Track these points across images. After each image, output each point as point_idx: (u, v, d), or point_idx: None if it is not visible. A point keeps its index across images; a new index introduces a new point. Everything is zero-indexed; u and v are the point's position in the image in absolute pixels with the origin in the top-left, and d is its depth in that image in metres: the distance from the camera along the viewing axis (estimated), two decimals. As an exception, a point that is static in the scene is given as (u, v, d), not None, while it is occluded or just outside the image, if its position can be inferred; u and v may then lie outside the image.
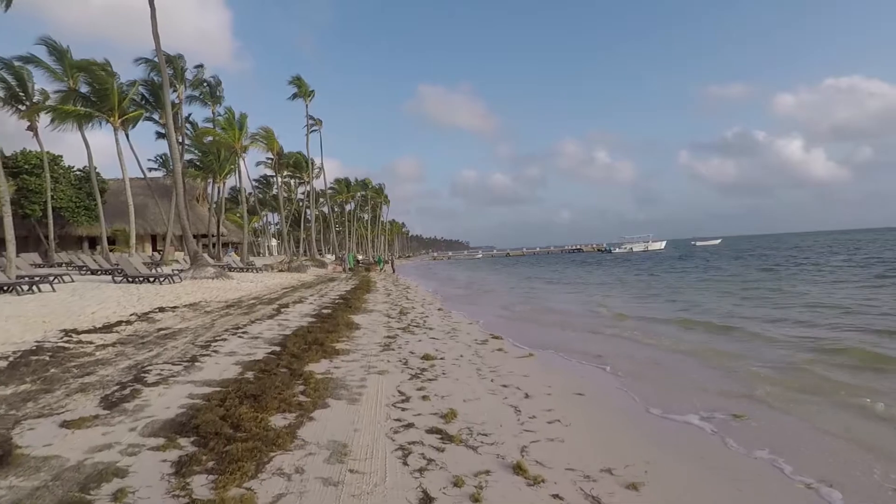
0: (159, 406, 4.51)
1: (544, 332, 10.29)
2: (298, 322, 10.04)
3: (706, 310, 12.81)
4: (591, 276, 29.35)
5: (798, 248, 58.24)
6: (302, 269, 31.01)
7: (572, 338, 9.56)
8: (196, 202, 54.14)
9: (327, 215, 62.58)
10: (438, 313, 12.70)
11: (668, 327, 10.48)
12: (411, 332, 9.35)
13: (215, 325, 9.41)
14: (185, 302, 12.54)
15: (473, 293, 20.81)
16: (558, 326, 11.05)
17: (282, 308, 12.27)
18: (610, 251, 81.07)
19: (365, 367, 6.38)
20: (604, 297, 17.49)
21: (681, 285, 20.66)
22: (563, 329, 10.64)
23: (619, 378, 6.35)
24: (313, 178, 56.74)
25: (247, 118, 33.91)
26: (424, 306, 14.31)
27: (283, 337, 8.24)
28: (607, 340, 9.20)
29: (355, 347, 7.67)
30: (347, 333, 8.86)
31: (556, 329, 10.67)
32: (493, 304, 16.18)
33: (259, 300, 14.25)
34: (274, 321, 10.13)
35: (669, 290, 19.21)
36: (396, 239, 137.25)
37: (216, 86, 41.57)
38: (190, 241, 20.95)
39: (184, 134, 37.04)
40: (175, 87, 35.31)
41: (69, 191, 38.56)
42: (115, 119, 24.40)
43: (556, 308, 14.74)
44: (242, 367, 6.11)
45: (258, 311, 11.51)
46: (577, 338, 9.54)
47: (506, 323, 11.31)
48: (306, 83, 39.99)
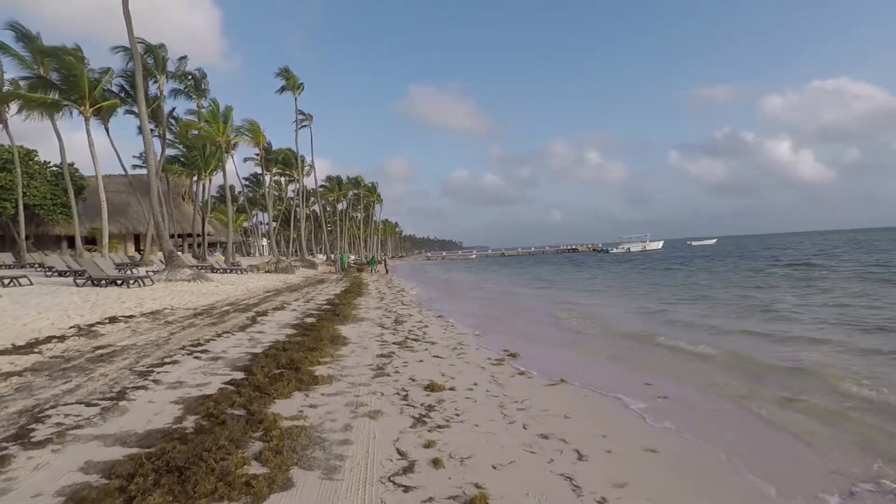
0: (23, 495, 2.89)
1: (566, 346, 8.73)
2: (275, 335, 8.42)
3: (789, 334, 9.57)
4: (602, 280, 27.27)
5: (804, 246, 57.27)
6: (290, 270, 29.29)
7: (601, 354, 8.02)
8: (182, 200, 52.23)
9: (319, 215, 60.75)
10: (438, 322, 11.11)
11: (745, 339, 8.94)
12: (409, 348, 7.77)
13: (172, 339, 7.76)
14: (146, 309, 10.86)
15: (474, 297, 19.24)
16: (580, 339, 9.50)
17: (258, 316, 10.63)
18: (607, 251, 79.86)
19: (351, 404, 4.79)
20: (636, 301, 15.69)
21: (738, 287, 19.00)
22: (586, 342, 9.10)
23: (688, 419, 4.80)
24: (304, 175, 54.96)
25: (232, 111, 32.15)
26: (422, 313, 12.72)
27: (251, 357, 6.63)
28: (649, 359, 7.67)
29: (340, 372, 6.07)
30: (332, 351, 7.25)
31: (580, 342, 9.13)
32: (498, 310, 14.60)
33: (235, 306, 12.60)
34: (245, 334, 8.51)
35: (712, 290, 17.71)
36: (389, 239, 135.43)
37: (201, 79, 39.70)
38: (165, 241, 19.22)
39: (165, 128, 35.15)
40: (156, 77, 33.48)
41: (44, 187, 36.56)
42: (85, 108, 22.56)
43: (573, 316, 13.21)
44: (184, 407, 4.50)
45: (229, 321, 9.86)
46: (608, 355, 8.00)
47: (519, 336, 9.74)
48: (295, 75, 38.19)
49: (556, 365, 7.06)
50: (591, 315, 12.77)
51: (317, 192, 55.29)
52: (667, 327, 10.54)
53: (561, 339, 9.39)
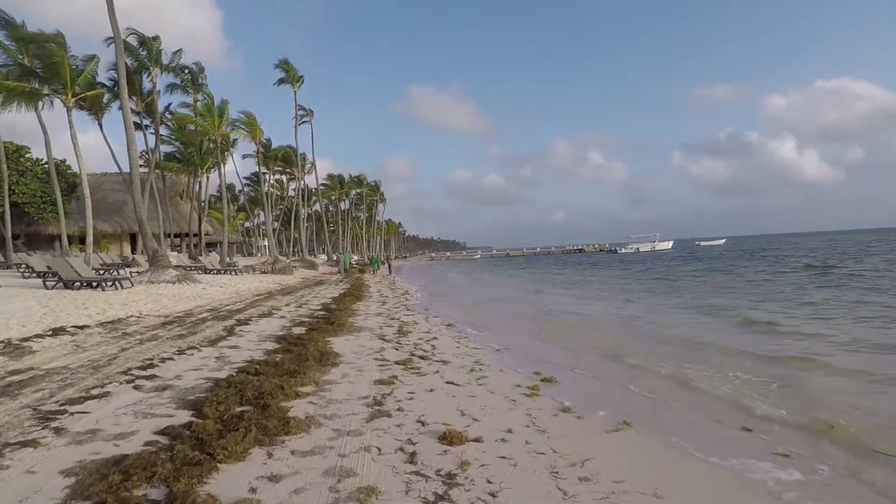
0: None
1: (615, 367, 7.09)
2: (251, 352, 6.86)
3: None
4: (627, 281, 24.97)
5: (817, 247, 55.34)
6: (287, 270, 27.77)
7: (672, 379, 6.41)
8: (179, 198, 50.89)
9: (321, 214, 59.27)
10: (449, 333, 9.52)
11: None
12: (416, 370, 6.18)
13: (118, 358, 6.20)
14: (109, 317, 9.33)
15: (487, 302, 17.60)
16: (633, 356, 7.89)
17: (238, 326, 9.07)
18: (615, 251, 78.09)
19: (333, 472, 3.22)
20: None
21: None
22: (643, 362, 7.49)
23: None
24: (305, 173, 53.51)
25: (228, 104, 30.66)
26: (429, 321, 11.13)
27: (210, 386, 5.07)
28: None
29: (324, 410, 4.50)
30: (318, 375, 5.68)
31: (634, 362, 7.51)
32: (515, 317, 12.96)
33: (215, 312, 11.04)
34: (215, 350, 6.94)
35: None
36: (393, 239, 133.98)
37: (199, 73, 38.31)
38: (148, 239, 17.72)
39: (159, 124, 33.70)
40: (149, 69, 32.07)
41: (34, 185, 35.19)
42: (67, 97, 21.09)
43: (602, 324, 11.55)
44: (73, 486, 2.93)
45: (201, 332, 8.30)
46: (680, 381, 6.38)
47: (550, 352, 8.13)
48: (294, 67, 36.68)
49: (608, 395, 5.46)
50: (640, 325, 11.13)
51: (318, 191, 53.73)
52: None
53: (607, 358, 7.76)
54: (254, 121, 29.61)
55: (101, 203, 46.42)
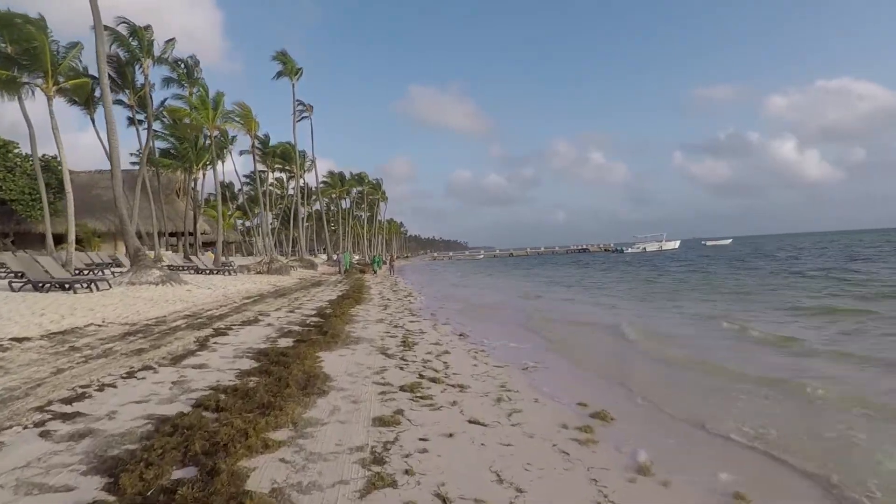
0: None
1: (671, 387, 5.69)
2: (219, 374, 5.48)
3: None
4: (650, 283, 22.64)
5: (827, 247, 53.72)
6: (284, 271, 26.39)
7: (761, 413, 5.00)
8: (176, 196, 49.64)
9: (321, 213, 57.88)
10: (462, 345, 8.13)
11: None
12: (427, 400, 4.79)
13: (44, 385, 4.81)
14: (63, 326, 7.95)
15: (497, 305, 16.18)
16: (697, 376, 6.49)
17: (214, 336, 7.69)
18: (621, 251, 76.60)
19: None
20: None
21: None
22: (714, 383, 6.08)
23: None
24: (305, 170, 52.18)
25: (223, 97, 29.28)
26: (438, 329, 9.74)
27: (147, 431, 3.69)
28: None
29: (301, 475, 3.10)
30: (299, 411, 4.28)
31: (706, 385, 6.11)
32: (534, 326, 11.50)
33: (193, 319, 9.65)
34: (176, 370, 5.56)
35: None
36: (394, 239, 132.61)
37: (194, 66, 36.97)
38: (129, 237, 16.38)
39: (151, 115, 32.33)
40: (140, 61, 30.72)
41: (22, 181, 33.92)
42: (48, 86, 19.75)
43: (644, 337, 10.13)
44: None
45: (167, 345, 6.91)
46: (776, 413, 4.97)
47: (587, 370, 6.73)
48: (292, 59, 35.21)
49: (693, 444, 4.06)
50: (686, 337, 9.71)
51: (318, 189, 52.37)
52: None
53: (667, 382, 6.36)
54: (249, 113, 28.26)
55: (96, 201, 45.18)
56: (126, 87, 34.31)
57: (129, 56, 31.37)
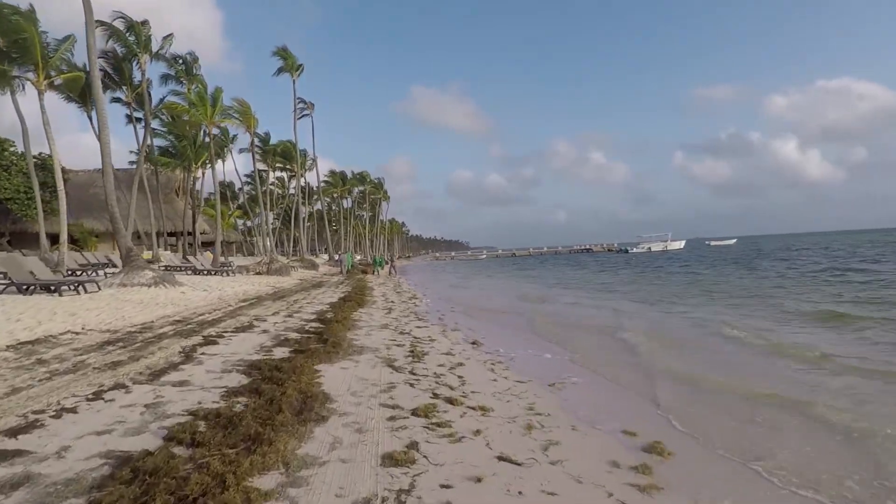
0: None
1: (725, 415, 4.90)
2: (202, 393, 4.72)
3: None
4: (671, 284, 22.07)
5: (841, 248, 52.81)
6: (284, 271, 25.64)
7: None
8: (175, 195, 48.99)
9: (323, 212, 57.10)
10: (476, 355, 7.36)
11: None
12: (446, 428, 4.03)
13: (-9, 411, 4.07)
14: (37, 334, 7.20)
15: (507, 308, 15.39)
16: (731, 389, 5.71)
17: (203, 346, 6.94)
18: (626, 251, 75.72)
19: None
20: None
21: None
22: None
23: None
24: (306, 169, 51.44)
25: (222, 93, 28.53)
26: (447, 335, 8.97)
27: (100, 477, 2.93)
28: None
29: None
30: (293, 445, 3.52)
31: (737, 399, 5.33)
32: (552, 332, 10.68)
33: (181, 325, 8.89)
34: (152, 388, 4.81)
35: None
36: (396, 239, 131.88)
37: (192, 63, 36.29)
38: (121, 236, 15.64)
39: (149, 112, 31.61)
40: (137, 56, 30.01)
41: (17, 180, 33.22)
42: (39, 80, 19.04)
43: (673, 342, 9.32)
44: None
45: (148, 357, 6.16)
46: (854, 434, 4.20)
47: (627, 388, 5.94)
48: (293, 55, 34.44)
49: (749, 483, 3.29)
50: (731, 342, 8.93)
51: (319, 189, 51.62)
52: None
53: (696, 402, 5.58)
54: (247, 109, 27.50)
55: (94, 200, 44.47)
56: (123, 84, 33.61)
57: (126, 52, 30.71)
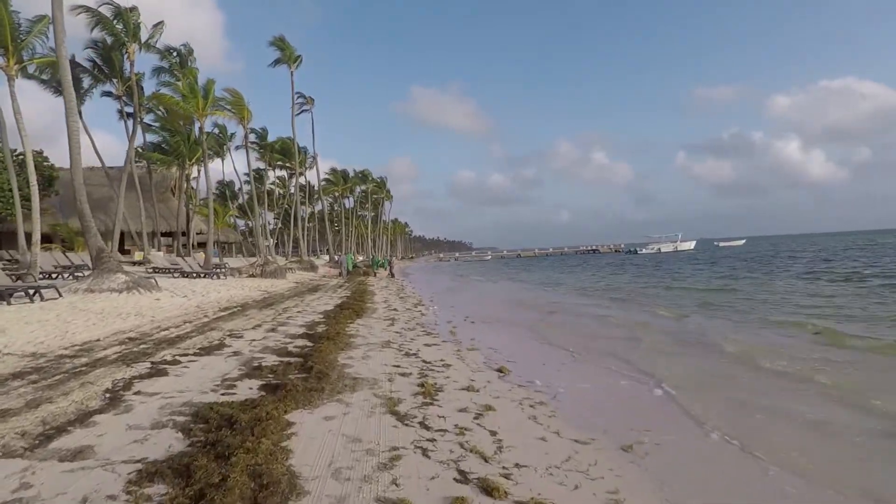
0: None
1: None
2: (96, 478, 3.00)
3: None
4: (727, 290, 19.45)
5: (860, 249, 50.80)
6: (279, 274, 23.94)
7: None
8: (171, 194, 47.41)
9: (324, 212, 55.41)
10: (508, 391, 5.59)
11: None
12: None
13: None
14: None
15: (525, 320, 13.57)
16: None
17: (146, 377, 5.22)
18: (635, 252, 73.82)
19: None
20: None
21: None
22: None
23: None
24: (306, 167, 49.83)
25: (214, 84, 26.84)
26: (464, 358, 7.21)
27: None
28: None
29: None
30: None
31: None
32: (591, 350, 8.88)
33: (135, 344, 7.17)
34: (15, 477, 3.09)
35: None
36: (399, 239, 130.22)
37: (187, 55, 34.69)
38: (91, 235, 13.99)
39: (139, 108, 29.99)
40: (125, 46, 28.39)
41: (3, 176, 31.64)
42: (9, 64, 17.39)
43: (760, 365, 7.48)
44: None
45: (56, 401, 4.44)
46: None
47: (713, 433, 4.19)
48: (291, 46, 32.71)
49: None
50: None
51: (319, 187, 49.95)
52: None
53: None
54: (240, 100, 25.79)
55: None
56: (114, 76, 32.02)
57: (114, 41, 29.12)
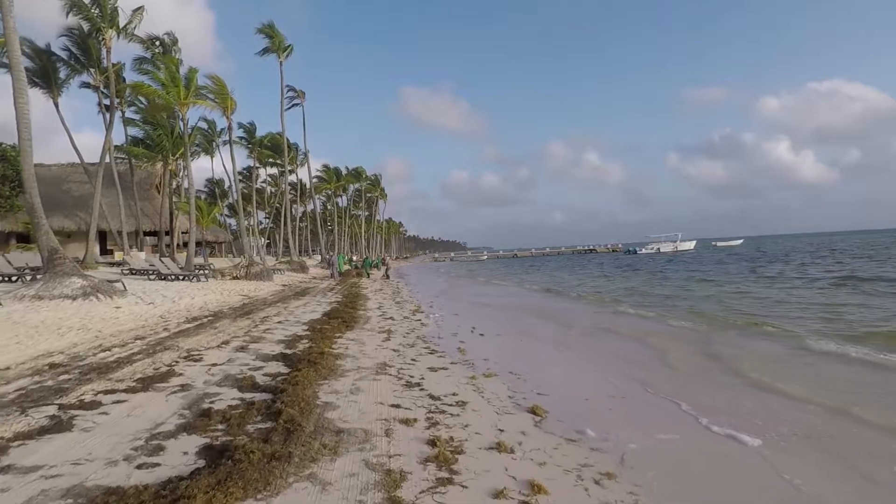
0: None
1: None
2: None
3: None
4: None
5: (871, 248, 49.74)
6: (265, 276, 22.23)
7: None
8: (156, 192, 45.47)
9: (315, 211, 53.62)
10: (550, 443, 4.01)
11: None
12: None
13: None
14: None
15: (549, 335, 11.71)
16: None
17: (26, 439, 3.60)
18: (635, 252, 72.56)
19: None
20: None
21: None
22: None
23: None
24: (297, 165, 48.05)
25: (196, 73, 25.09)
26: (480, 385, 5.60)
27: None
28: None
29: None
30: None
31: None
32: (627, 372, 7.30)
33: (53, 374, 5.51)
34: None
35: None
36: (394, 239, 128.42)
37: (171, 45, 32.84)
38: (42, 233, 12.22)
39: (115, 98, 28.11)
40: (101, 31, 26.54)
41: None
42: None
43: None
44: None
45: None
46: None
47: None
48: (280, 34, 30.97)
49: None
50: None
51: (311, 185, 48.16)
52: None
53: None
54: (224, 88, 24.02)
55: (67, 196, 41.02)
56: (91, 66, 30.16)
57: (90, 27, 27.29)
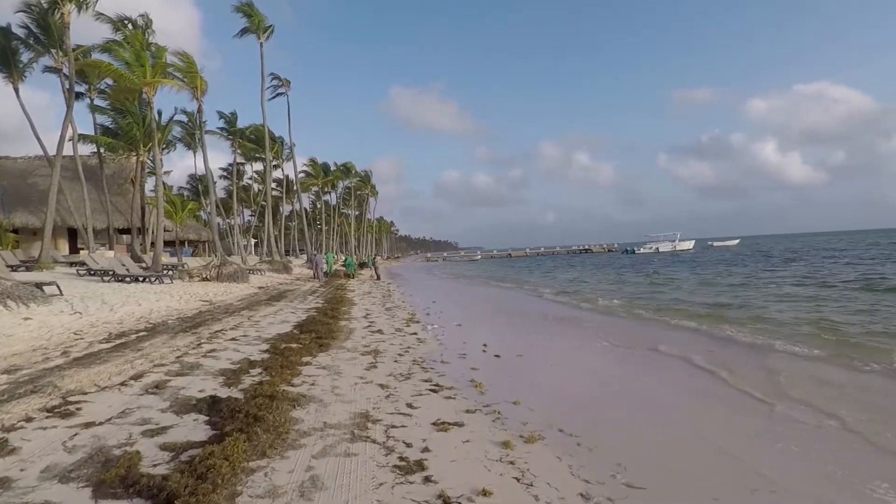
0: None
1: None
2: None
3: None
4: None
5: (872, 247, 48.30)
6: (239, 276, 19.84)
7: None
8: (131, 186, 42.75)
9: (302, 208, 51.15)
10: None
11: None
12: None
13: None
14: None
15: (567, 331, 9.68)
16: None
17: None
18: (633, 252, 70.82)
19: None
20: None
21: None
22: None
23: None
24: (282, 159, 45.54)
25: (165, 51, 22.58)
26: (517, 462, 3.41)
27: None
28: None
29: None
30: None
31: None
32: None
33: None
34: None
35: None
36: (385, 238, 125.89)
37: (145, 28, 30.27)
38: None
39: (74, 80, 25.48)
40: (59, 4, 23.93)
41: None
42: None
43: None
44: None
45: None
46: None
47: None
48: (260, 13, 28.47)
49: None
50: None
51: (297, 181, 45.66)
52: None
53: None
54: (192, 66, 21.53)
55: (32, 191, 38.26)
56: (52, 46, 27.58)
57: (50, 2, 24.74)
